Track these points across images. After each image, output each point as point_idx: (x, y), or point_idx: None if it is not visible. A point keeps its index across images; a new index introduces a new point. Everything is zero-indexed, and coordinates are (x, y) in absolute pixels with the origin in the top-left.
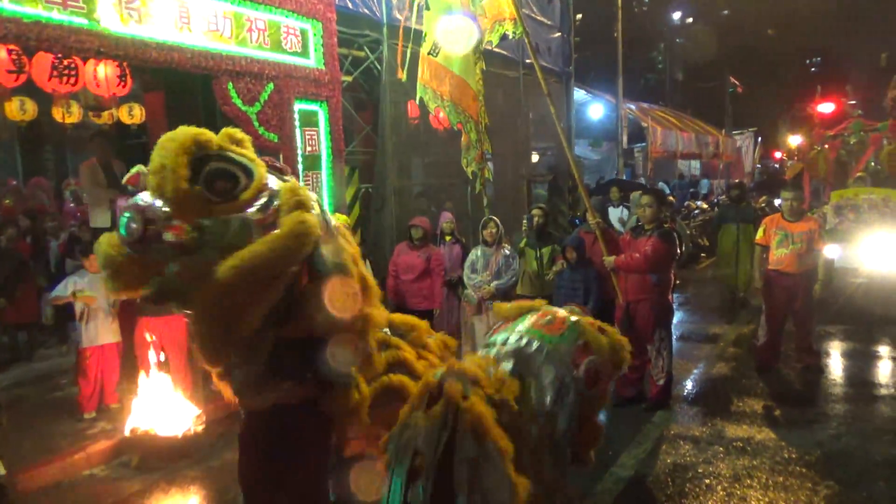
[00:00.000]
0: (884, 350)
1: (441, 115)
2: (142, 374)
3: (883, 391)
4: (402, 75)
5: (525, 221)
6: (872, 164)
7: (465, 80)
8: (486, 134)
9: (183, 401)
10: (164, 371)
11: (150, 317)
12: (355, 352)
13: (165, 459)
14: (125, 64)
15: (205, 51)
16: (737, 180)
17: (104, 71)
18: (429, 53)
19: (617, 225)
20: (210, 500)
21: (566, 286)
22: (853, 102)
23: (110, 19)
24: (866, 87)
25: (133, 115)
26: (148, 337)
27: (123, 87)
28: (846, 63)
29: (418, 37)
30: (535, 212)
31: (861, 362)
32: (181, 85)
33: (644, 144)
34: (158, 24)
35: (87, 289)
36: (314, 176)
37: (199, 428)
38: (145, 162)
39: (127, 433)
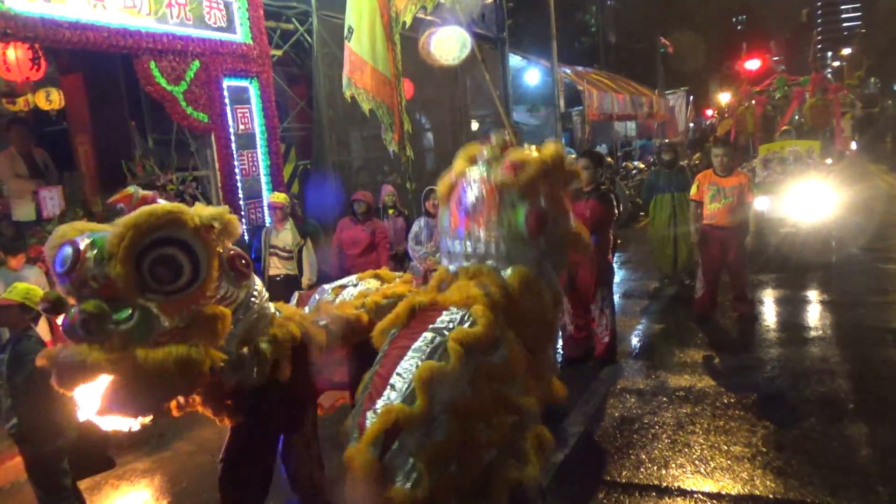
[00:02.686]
0: (812, 295)
1: None
2: None
3: (812, 333)
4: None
5: None
6: (797, 117)
7: (375, 66)
8: (405, 113)
9: None
10: None
11: None
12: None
13: (113, 454)
14: (37, 46)
15: (122, 29)
16: (667, 140)
17: (14, 54)
18: (345, 38)
19: None
20: (161, 491)
21: None
22: (777, 58)
23: None
24: (789, 43)
25: (51, 100)
26: None
27: (37, 70)
28: (770, 20)
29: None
30: None
31: (792, 308)
32: (100, 66)
33: (581, 108)
34: (70, 3)
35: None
36: (249, 155)
37: (147, 420)
38: (67, 149)
39: None
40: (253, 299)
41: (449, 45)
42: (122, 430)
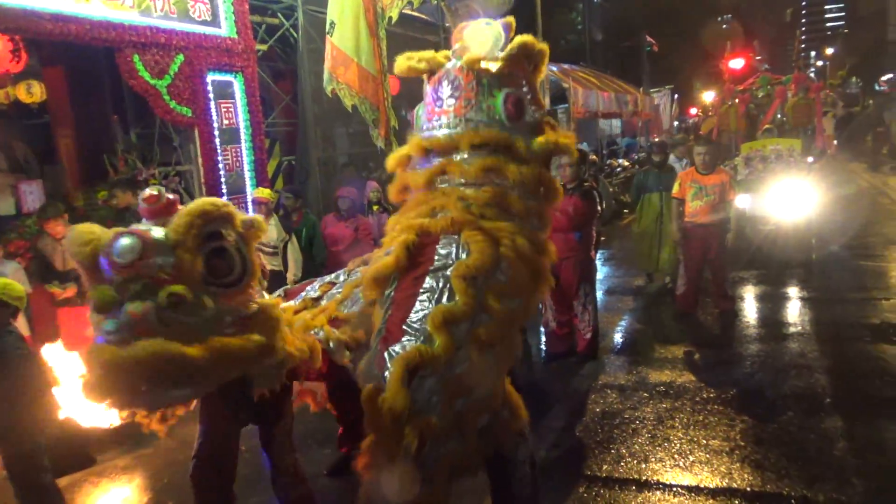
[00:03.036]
0: (792, 291)
1: None
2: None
3: (791, 329)
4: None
5: None
6: (779, 116)
7: (359, 62)
8: (391, 110)
9: None
10: None
11: (69, 307)
12: None
13: (94, 451)
14: (18, 38)
15: (105, 21)
16: (657, 139)
17: None
18: (327, 33)
19: None
20: (142, 489)
21: None
22: (760, 57)
23: None
24: (773, 42)
25: (32, 93)
26: None
27: (18, 62)
28: (754, 19)
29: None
30: None
31: (772, 304)
32: (83, 59)
33: (566, 105)
34: None
35: None
36: (233, 150)
37: (126, 415)
38: (48, 143)
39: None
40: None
41: (483, 38)
42: (101, 426)
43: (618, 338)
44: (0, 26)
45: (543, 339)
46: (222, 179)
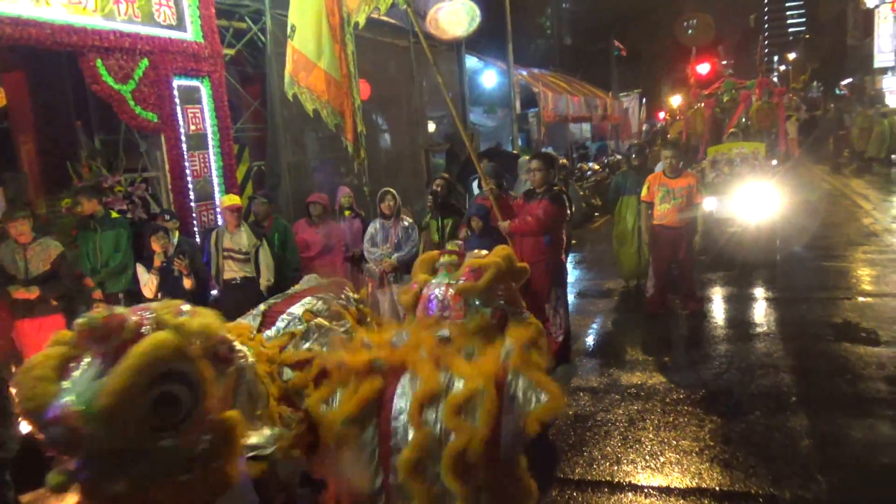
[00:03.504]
0: (758, 292)
1: None
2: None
3: (758, 329)
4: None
5: (430, 197)
6: (744, 120)
7: (320, 66)
8: (359, 115)
9: None
10: None
11: (27, 318)
12: None
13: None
14: None
15: (67, 25)
16: (636, 142)
17: None
18: (288, 36)
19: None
20: None
21: None
22: (725, 62)
23: None
24: (737, 47)
25: None
26: None
27: None
28: (718, 24)
29: None
30: (437, 182)
31: (738, 305)
32: (45, 64)
33: (537, 109)
34: None
35: None
36: (201, 156)
37: None
38: (9, 149)
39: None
40: (241, 361)
41: (458, 17)
42: None
43: (589, 340)
44: None
45: None
46: (190, 186)
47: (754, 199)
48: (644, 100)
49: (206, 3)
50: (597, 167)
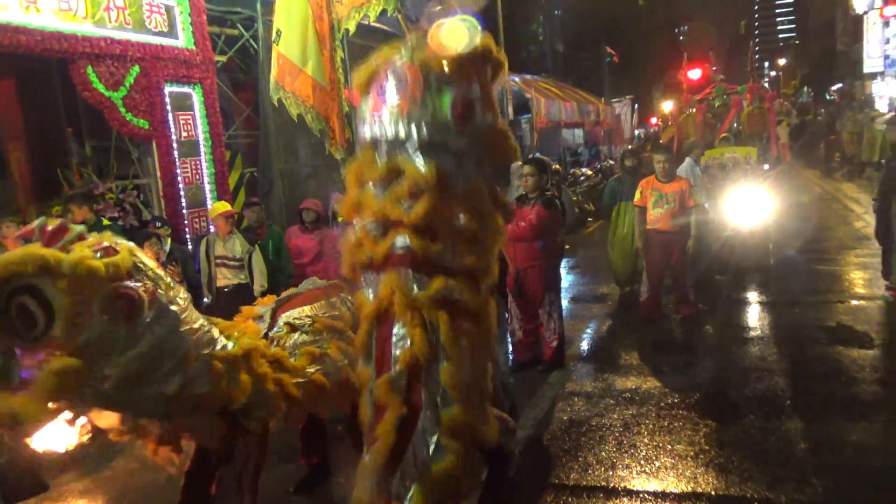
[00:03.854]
0: (751, 296)
1: None
2: None
3: (752, 333)
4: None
5: None
6: (735, 124)
7: (305, 71)
8: (347, 121)
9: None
10: None
11: None
12: None
13: (50, 475)
14: None
15: (57, 32)
16: (630, 147)
17: None
18: (273, 41)
19: None
20: None
21: None
22: (716, 68)
23: None
24: (728, 53)
25: None
26: None
27: None
28: (710, 31)
29: None
30: None
31: (732, 308)
32: (35, 71)
33: (529, 116)
34: (0, 5)
35: None
36: (193, 162)
37: (85, 438)
38: None
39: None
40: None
41: (459, 33)
42: (55, 450)
43: (584, 345)
44: None
45: (510, 347)
46: (181, 192)
47: (747, 203)
48: (636, 105)
49: (197, 9)
50: (590, 172)
